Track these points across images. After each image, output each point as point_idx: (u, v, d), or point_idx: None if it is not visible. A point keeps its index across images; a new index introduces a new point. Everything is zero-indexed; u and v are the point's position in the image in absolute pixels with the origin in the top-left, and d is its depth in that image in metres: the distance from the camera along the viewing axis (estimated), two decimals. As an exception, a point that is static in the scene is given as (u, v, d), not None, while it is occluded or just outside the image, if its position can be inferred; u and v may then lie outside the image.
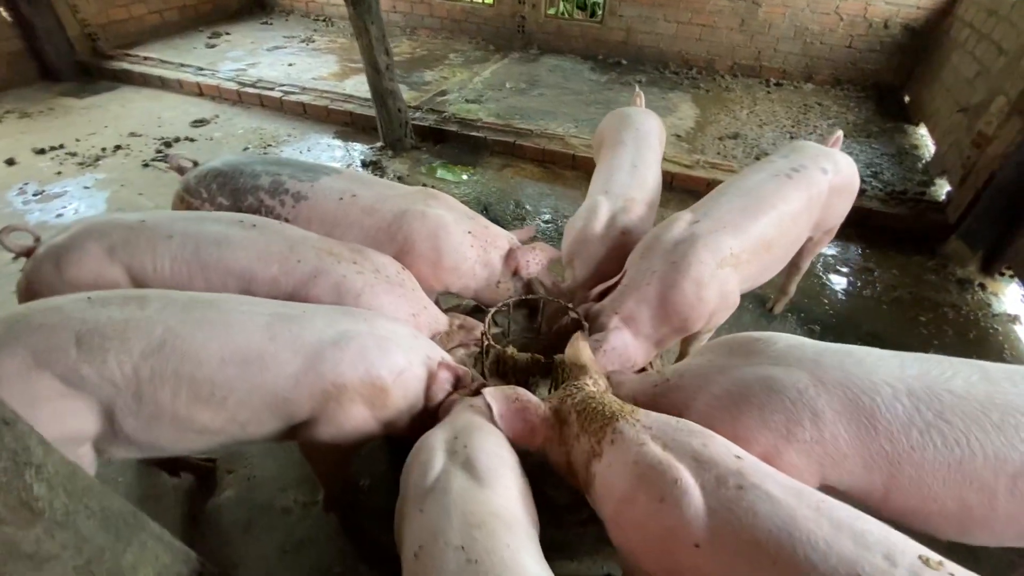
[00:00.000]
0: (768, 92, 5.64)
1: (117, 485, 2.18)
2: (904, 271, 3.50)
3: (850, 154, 3.53)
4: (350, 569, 1.95)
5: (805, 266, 2.84)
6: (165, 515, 2.10)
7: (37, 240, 1.87)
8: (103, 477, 2.13)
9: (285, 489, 2.20)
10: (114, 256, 1.78)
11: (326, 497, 2.00)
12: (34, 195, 4.02)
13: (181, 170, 2.42)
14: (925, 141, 4.69)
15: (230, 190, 2.27)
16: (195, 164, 2.42)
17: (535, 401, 1.55)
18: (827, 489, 1.40)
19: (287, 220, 2.25)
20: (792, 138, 4.73)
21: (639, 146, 2.78)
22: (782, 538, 1.07)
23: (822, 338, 2.91)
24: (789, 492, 1.16)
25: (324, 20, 7.58)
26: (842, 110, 5.25)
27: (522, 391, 1.59)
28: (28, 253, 1.83)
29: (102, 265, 1.77)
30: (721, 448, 1.28)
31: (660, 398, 1.62)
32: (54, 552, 0.99)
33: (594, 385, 1.58)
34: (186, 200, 2.30)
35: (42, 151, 4.55)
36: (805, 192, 2.24)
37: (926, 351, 2.81)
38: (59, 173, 4.29)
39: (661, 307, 2.00)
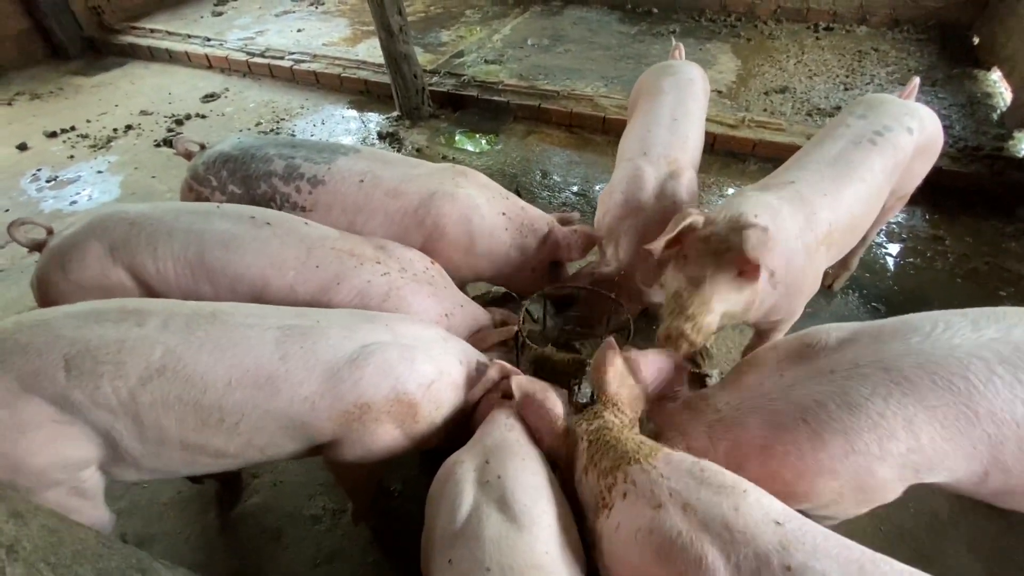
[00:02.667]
0: (817, 38, 5.12)
1: (140, 492, 2.09)
2: (979, 238, 3.14)
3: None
4: (385, 583, 1.84)
5: (872, 237, 2.55)
6: (191, 524, 2.02)
7: (49, 232, 1.75)
8: (121, 487, 2.06)
9: (313, 496, 2.08)
10: (116, 256, 1.62)
11: (355, 510, 1.87)
12: (47, 181, 3.92)
13: (189, 155, 2.23)
14: (999, 88, 4.18)
15: (241, 177, 2.08)
16: (202, 147, 2.23)
17: (558, 410, 1.41)
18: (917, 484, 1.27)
19: (304, 208, 2.06)
20: (847, 89, 4.28)
21: (681, 96, 2.45)
22: None
23: (889, 315, 2.68)
24: (849, 566, 0.94)
25: (333, -20, 7.17)
26: (902, 55, 4.73)
27: (552, 391, 1.46)
28: (40, 247, 1.72)
29: (105, 266, 1.62)
30: (757, 512, 1.02)
31: (718, 441, 1.35)
32: (44, 633, 0.86)
33: (615, 415, 1.35)
34: (195, 189, 2.12)
35: (54, 134, 4.43)
36: (891, 159, 1.94)
37: None
38: (71, 157, 4.17)
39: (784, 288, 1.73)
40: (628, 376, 1.43)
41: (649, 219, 2.11)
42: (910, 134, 2.00)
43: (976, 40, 4.77)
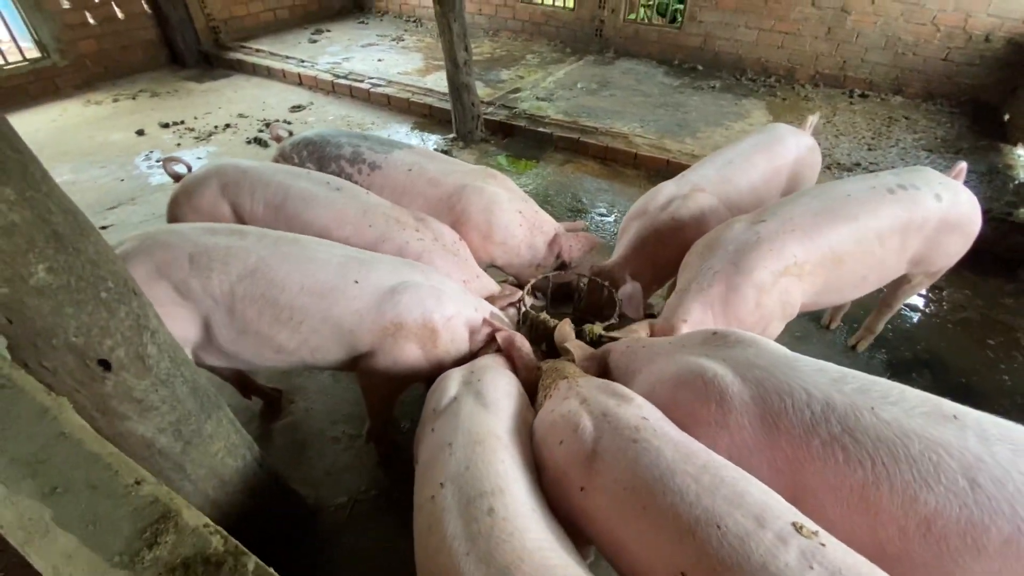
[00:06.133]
0: (851, 103, 5.43)
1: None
2: (977, 292, 3.31)
3: (933, 167, 3.39)
4: (383, 493, 2.19)
5: (897, 305, 2.60)
6: (236, 430, 2.44)
7: (189, 169, 2.31)
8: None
9: (336, 422, 2.48)
10: (225, 193, 2.13)
11: (370, 428, 2.25)
12: (156, 161, 4.65)
13: (279, 138, 2.79)
14: (1022, 162, 4.35)
15: (317, 157, 2.60)
16: (290, 133, 2.79)
17: (531, 354, 1.91)
18: None
19: (362, 186, 2.55)
20: (870, 150, 4.55)
21: (752, 150, 2.64)
22: (655, 488, 1.12)
23: (872, 351, 2.89)
24: (680, 451, 1.20)
25: (414, 21, 8.08)
26: (931, 124, 4.97)
27: (527, 342, 1.92)
28: (179, 179, 2.27)
29: (216, 199, 2.13)
30: (632, 409, 1.36)
31: (620, 358, 1.76)
32: (155, 404, 1.28)
33: (568, 361, 1.82)
34: (279, 163, 2.66)
35: (166, 125, 5.23)
36: (905, 213, 1.99)
37: (988, 376, 2.76)
38: (178, 145, 4.93)
39: (722, 309, 1.92)
40: (580, 343, 1.91)
41: (646, 225, 2.48)
42: (938, 200, 2.03)
43: (1007, 117, 4.96)
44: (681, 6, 6.35)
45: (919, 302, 3.25)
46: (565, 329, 1.98)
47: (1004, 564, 1.04)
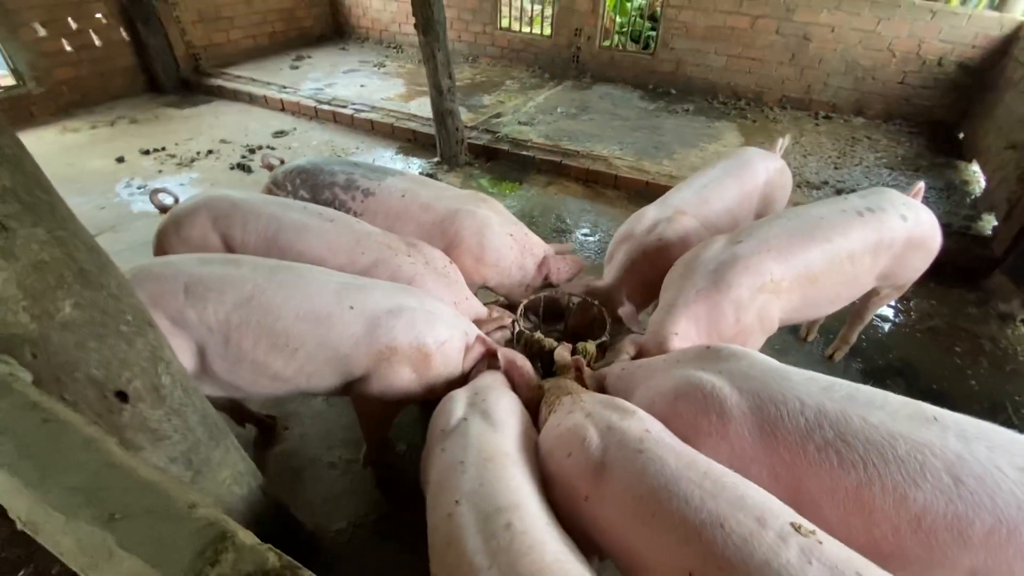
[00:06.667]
0: (816, 124, 5.71)
1: (193, 430, 2.53)
2: (943, 302, 3.50)
3: (894, 186, 3.60)
4: (383, 517, 2.20)
5: (868, 317, 2.78)
6: (231, 458, 2.43)
7: (176, 200, 2.33)
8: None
9: (332, 448, 2.48)
10: (215, 225, 2.16)
11: (367, 452, 2.27)
12: (138, 188, 4.62)
13: (270, 167, 2.83)
14: (977, 177, 4.63)
15: (310, 185, 2.64)
16: (282, 162, 2.83)
17: (531, 372, 1.97)
18: None
19: (356, 212, 2.59)
20: (836, 168, 4.79)
21: (726, 174, 2.78)
22: (662, 495, 1.19)
23: (848, 360, 3.02)
24: (682, 459, 1.27)
25: (395, 47, 8.23)
26: (892, 144, 5.26)
27: (527, 361, 1.99)
28: (165, 210, 2.28)
29: (206, 231, 2.15)
30: (635, 422, 1.43)
31: (617, 380, 1.83)
32: (168, 433, 1.30)
33: (568, 379, 1.90)
34: (273, 191, 2.69)
35: (147, 152, 5.21)
36: (874, 233, 2.13)
37: (957, 381, 2.91)
38: (160, 171, 4.91)
39: (706, 325, 2.01)
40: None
41: (635, 248, 2.58)
42: (903, 220, 2.17)
43: (962, 135, 5.28)
44: (653, 33, 6.62)
45: (889, 312, 3.42)
46: (564, 354, 2.05)
47: (988, 554, 1.12)
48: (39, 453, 0.71)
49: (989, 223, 3.96)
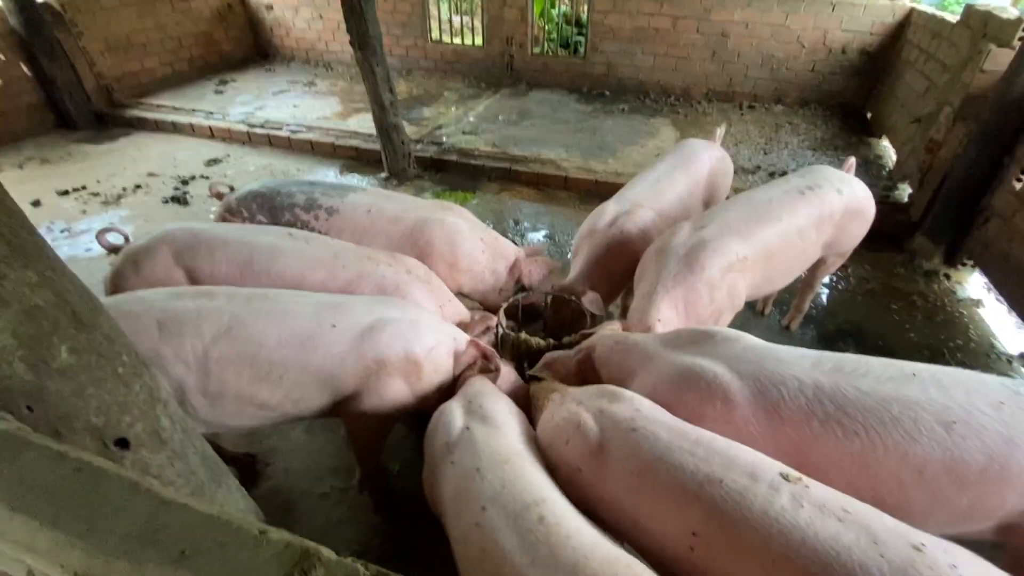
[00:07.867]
0: (742, 114, 6.09)
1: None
2: (876, 266, 3.81)
3: (819, 163, 3.90)
4: (387, 540, 2.14)
5: (818, 285, 2.98)
6: (213, 504, 2.29)
7: (126, 238, 2.18)
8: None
9: (320, 478, 2.39)
10: (179, 259, 2.04)
11: (362, 477, 2.20)
12: (61, 231, 4.27)
13: (220, 196, 2.70)
14: (888, 152, 5.09)
15: (268, 208, 2.55)
16: (232, 189, 2.71)
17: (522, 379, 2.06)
18: None
19: (321, 231, 2.52)
20: (765, 154, 5.12)
21: (674, 167, 2.92)
22: (659, 467, 1.26)
23: (804, 328, 3.24)
24: (673, 432, 1.34)
25: (324, 65, 8.06)
26: (811, 127, 5.68)
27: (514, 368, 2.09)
28: (116, 250, 2.13)
29: (169, 267, 2.03)
30: (624, 404, 1.49)
31: (610, 353, 1.86)
32: (172, 479, 1.22)
33: (554, 380, 1.96)
34: (227, 219, 2.57)
35: (66, 192, 4.83)
36: (816, 209, 2.31)
37: (899, 335, 3.17)
38: (84, 212, 4.56)
39: (683, 307, 2.11)
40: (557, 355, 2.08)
41: (599, 242, 2.66)
42: (839, 194, 2.37)
43: (869, 115, 5.79)
44: (582, 38, 6.85)
45: (832, 280, 3.68)
46: (549, 357, 2.10)
47: (983, 490, 1.24)
48: (82, 503, 0.66)
49: (904, 191, 4.36)
